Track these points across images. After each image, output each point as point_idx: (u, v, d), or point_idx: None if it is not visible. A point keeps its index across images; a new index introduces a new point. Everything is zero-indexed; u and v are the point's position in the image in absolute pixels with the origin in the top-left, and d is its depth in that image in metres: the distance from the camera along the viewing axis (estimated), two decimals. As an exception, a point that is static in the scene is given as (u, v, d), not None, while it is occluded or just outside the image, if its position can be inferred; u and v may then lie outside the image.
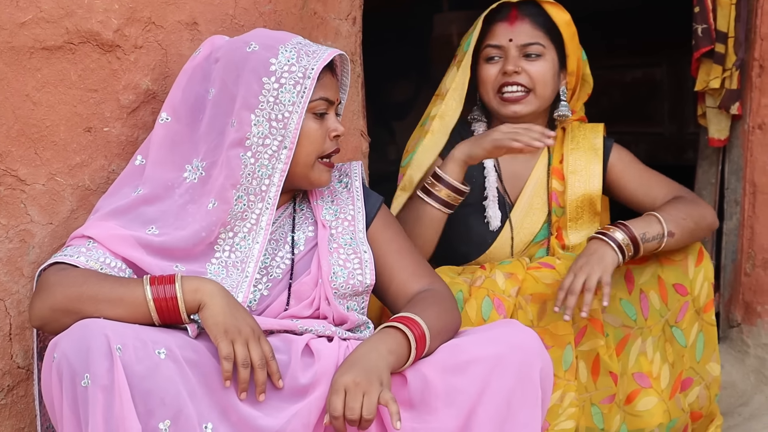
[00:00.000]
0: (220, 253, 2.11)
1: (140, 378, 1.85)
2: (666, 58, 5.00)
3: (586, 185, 2.68)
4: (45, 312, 1.96)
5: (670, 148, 5.00)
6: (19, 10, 2.11)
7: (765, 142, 3.12)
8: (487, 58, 2.67)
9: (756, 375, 3.16)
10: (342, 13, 2.63)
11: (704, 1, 3.05)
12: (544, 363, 2.06)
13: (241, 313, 1.98)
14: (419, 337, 2.03)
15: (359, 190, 2.30)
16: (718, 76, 3.07)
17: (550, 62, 2.65)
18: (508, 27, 2.65)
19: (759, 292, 3.17)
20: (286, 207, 2.24)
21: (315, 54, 2.12)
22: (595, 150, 2.71)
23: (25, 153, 2.16)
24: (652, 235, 2.48)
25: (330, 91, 2.16)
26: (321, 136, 2.15)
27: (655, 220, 2.50)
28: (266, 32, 2.18)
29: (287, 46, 2.11)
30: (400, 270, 2.26)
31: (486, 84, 2.68)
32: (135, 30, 2.22)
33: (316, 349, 2.07)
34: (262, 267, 2.16)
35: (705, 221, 2.60)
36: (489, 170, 2.71)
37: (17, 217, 2.17)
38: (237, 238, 2.12)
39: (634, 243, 2.46)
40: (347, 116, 2.67)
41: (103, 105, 2.22)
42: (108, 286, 1.96)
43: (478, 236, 2.69)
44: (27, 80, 2.14)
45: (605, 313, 2.53)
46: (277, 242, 2.20)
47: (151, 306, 1.94)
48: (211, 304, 1.96)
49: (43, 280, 2.00)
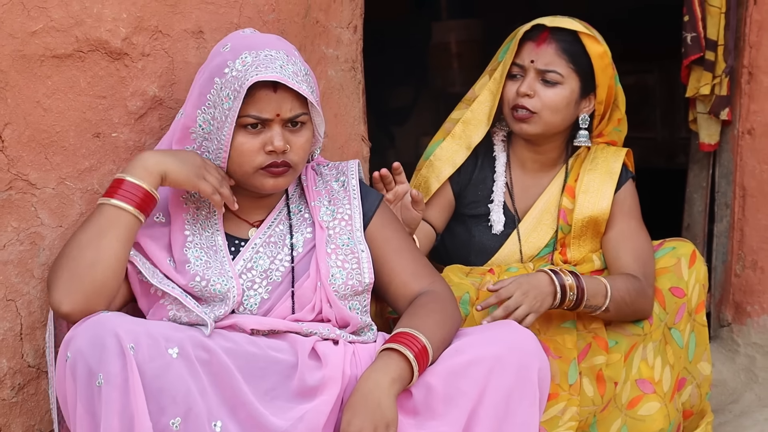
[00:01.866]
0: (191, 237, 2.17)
1: (152, 377, 1.90)
2: (658, 66, 5.05)
3: (594, 206, 2.66)
4: (52, 285, 2.01)
5: (662, 152, 5.04)
6: (31, 19, 2.15)
7: (754, 146, 3.17)
8: (511, 75, 2.67)
9: (746, 373, 3.20)
10: (343, 21, 2.68)
11: (694, 10, 3.09)
12: (541, 363, 2.09)
13: (187, 155, 2.10)
14: (422, 355, 2.04)
15: (356, 188, 2.28)
16: (709, 82, 3.11)
17: (568, 91, 2.62)
18: (534, 48, 2.63)
19: (749, 293, 3.21)
20: (280, 209, 2.24)
21: (266, 69, 2.06)
22: (611, 174, 2.68)
23: (35, 158, 2.20)
24: (592, 303, 2.47)
25: (267, 107, 2.08)
26: (252, 150, 2.10)
27: (603, 293, 2.48)
28: (253, 37, 2.17)
29: (251, 54, 2.08)
30: (399, 270, 2.25)
31: (504, 99, 2.68)
32: (142, 38, 2.27)
33: (322, 353, 2.08)
34: (262, 270, 2.17)
35: (641, 314, 2.56)
36: (498, 183, 2.72)
37: (28, 220, 2.21)
38: (198, 226, 2.19)
39: (578, 302, 2.45)
40: (348, 122, 2.72)
41: (111, 111, 2.26)
42: (82, 230, 2.03)
43: (481, 245, 2.71)
44: (38, 87, 2.18)
45: (614, 326, 2.56)
46: (276, 245, 2.20)
47: (128, 210, 2.03)
48: (169, 170, 2.06)
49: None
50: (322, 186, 2.28)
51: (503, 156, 2.75)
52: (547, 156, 2.74)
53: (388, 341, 2.08)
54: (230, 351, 2.01)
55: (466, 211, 2.75)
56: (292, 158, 2.13)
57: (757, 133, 3.17)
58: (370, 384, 2.00)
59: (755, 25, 3.12)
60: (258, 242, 2.20)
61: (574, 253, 2.68)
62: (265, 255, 2.19)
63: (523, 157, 2.74)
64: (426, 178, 2.72)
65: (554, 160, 2.75)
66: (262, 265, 2.18)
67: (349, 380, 2.09)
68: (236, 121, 2.08)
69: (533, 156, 2.74)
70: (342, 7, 2.67)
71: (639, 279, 2.56)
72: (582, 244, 2.68)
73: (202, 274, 2.12)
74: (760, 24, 3.12)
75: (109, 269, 2.01)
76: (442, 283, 2.28)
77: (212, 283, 2.11)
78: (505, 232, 2.71)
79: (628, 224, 2.66)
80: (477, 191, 2.74)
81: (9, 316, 2.21)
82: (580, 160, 2.73)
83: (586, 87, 2.66)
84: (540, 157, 2.74)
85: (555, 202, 2.71)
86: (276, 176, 2.13)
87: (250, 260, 2.18)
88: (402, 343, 2.04)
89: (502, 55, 2.72)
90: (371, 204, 2.28)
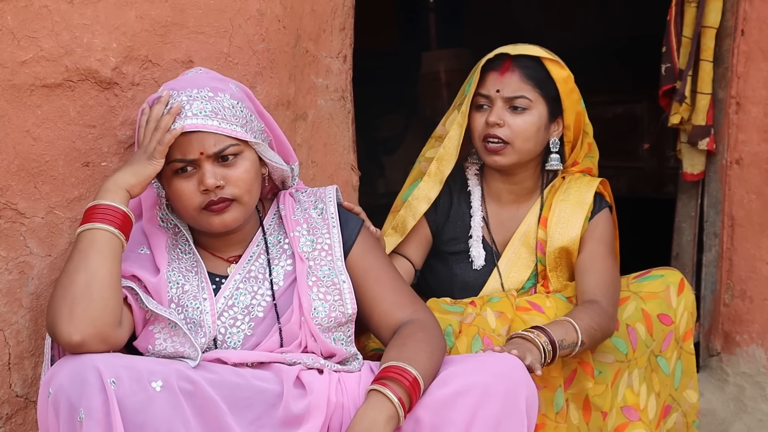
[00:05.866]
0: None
1: (134, 411, 1.89)
2: (646, 95, 5.09)
3: (564, 236, 2.66)
4: (54, 322, 1.99)
5: (650, 181, 5.07)
6: (21, 49, 2.16)
7: (742, 176, 3.18)
8: (477, 105, 2.67)
9: (735, 403, 3.20)
10: (333, 51, 2.70)
11: (670, 41, 3.15)
12: (529, 391, 2.09)
13: (132, 158, 2.12)
14: (414, 389, 2.03)
15: (334, 215, 2.26)
16: (678, 111, 3.15)
17: (536, 116, 2.63)
18: (498, 77, 2.64)
19: (737, 322, 3.22)
20: (258, 242, 2.23)
21: (179, 117, 2.08)
22: (582, 204, 2.67)
23: (24, 187, 2.21)
24: (568, 342, 2.41)
25: (189, 148, 2.08)
26: (189, 193, 2.10)
27: (571, 328, 2.42)
28: (205, 75, 2.19)
29: (189, 92, 2.11)
30: (381, 299, 2.24)
31: (473, 131, 2.68)
32: (132, 68, 2.28)
33: (307, 382, 2.08)
34: (243, 307, 2.17)
35: (607, 333, 2.54)
36: (475, 218, 2.72)
37: (17, 249, 2.21)
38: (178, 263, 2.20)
39: (553, 348, 2.38)
40: (338, 151, 2.73)
41: (101, 140, 2.27)
42: (68, 262, 2.04)
43: (464, 281, 2.70)
44: (27, 116, 2.19)
45: (596, 353, 2.55)
46: (256, 279, 2.20)
47: (104, 229, 2.03)
48: (127, 179, 2.07)
49: None
50: (301, 214, 2.27)
51: (478, 190, 2.75)
52: (521, 186, 2.74)
53: (381, 375, 2.06)
54: (214, 382, 2.01)
55: (446, 248, 2.74)
56: (231, 192, 2.11)
57: (745, 162, 3.18)
58: (366, 422, 1.99)
59: (743, 56, 3.15)
60: (237, 278, 2.20)
61: (554, 283, 2.68)
62: (245, 291, 2.18)
63: (498, 189, 2.75)
64: (404, 218, 2.71)
65: (529, 190, 2.75)
66: (243, 301, 2.17)
67: (334, 407, 2.10)
68: (168, 167, 2.10)
69: (508, 187, 2.74)
70: (332, 37, 2.69)
71: (597, 301, 2.53)
72: (560, 275, 2.69)
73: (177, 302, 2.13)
74: (748, 55, 3.15)
75: (105, 286, 2.01)
76: (426, 311, 2.27)
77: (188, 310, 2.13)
78: (487, 267, 2.71)
79: (596, 249, 2.65)
80: (456, 228, 2.74)
81: (-3, 346, 2.21)
82: (554, 190, 2.74)
83: (554, 111, 2.67)
84: (515, 188, 2.74)
85: (532, 234, 2.71)
86: (219, 213, 2.11)
87: (231, 297, 2.18)
88: (394, 379, 2.04)
89: (467, 88, 2.72)
90: (351, 231, 2.27)
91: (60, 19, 2.18)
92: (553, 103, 2.66)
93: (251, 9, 2.40)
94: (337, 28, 2.71)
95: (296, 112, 2.58)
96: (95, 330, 1.97)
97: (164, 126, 2.08)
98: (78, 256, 2.03)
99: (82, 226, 2.05)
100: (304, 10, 2.57)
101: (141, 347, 2.11)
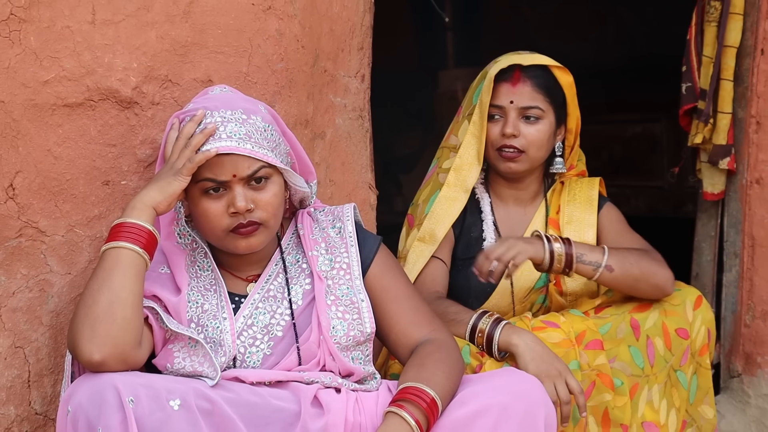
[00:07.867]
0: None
1: (152, 430, 1.90)
2: (665, 114, 5.08)
3: (580, 235, 2.75)
4: (76, 340, 1.98)
5: (669, 201, 5.05)
6: (43, 69, 2.18)
7: (763, 196, 3.17)
8: (490, 116, 2.73)
9: (757, 425, 3.17)
10: (351, 70, 2.71)
11: (691, 61, 3.16)
12: (547, 411, 2.08)
13: (158, 175, 2.11)
14: (432, 410, 2.03)
15: (352, 235, 2.26)
16: (700, 131, 3.15)
17: (548, 125, 2.72)
18: (510, 88, 2.71)
19: (759, 343, 3.19)
20: (276, 261, 2.23)
21: (213, 139, 2.07)
22: (591, 202, 2.79)
23: (45, 205, 2.22)
24: (589, 259, 2.56)
25: (222, 170, 2.07)
26: (217, 214, 2.09)
27: (599, 249, 2.59)
28: (234, 95, 2.19)
29: (223, 113, 2.10)
30: (398, 319, 2.24)
31: (488, 141, 2.74)
32: (152, 87, 2.29)
33: (325, 401, 2.08)
34: (262, 326, 2.17)
35: (654, 278, 2.60)
36: (487, 222, 2.78)
37: (37, 267, 2.22)
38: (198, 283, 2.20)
39: (567, 258, 2.54)
40: (355, 169, 2.73)
41: (121, 159, 2.28)
42: (91, 279, 2.04)
43: (479, 286, 2.71)
44: (49, 136, 2.20)
45: (615, 362, 2.55)
46: (275, 299, 2.20)
47: (128, 248, 2.03)
48: (154, 197, 2.07)
49: None
50: (319, 233, 2.27)
51: (486, 196, 2.82)
52: (526, 191, 2.82)
53: (398, 397, 2.06)
54: (232, 401, 2.01)
55: (462, 255, 2.77)
56: (260, 216, 2.11)
57: (766, 182, 3.17)
58: None
59: (762, 75, 3.14)
60: (257, 297, 2.20)
61: (569, 283, 2.74)
62: (264, 310, 2.19)
63: (504, 194, 2.82)
64: (432, 230, 2.74)
65: (533, 194, 2.83)
66: (263, 320, 2.18)
67: (351, 427, 2.09)
68: (196, 186, 2.10)
69: (514, 193, 2.82)
70: (350, 56, 2.70)
71: (645, 249, 2.67)
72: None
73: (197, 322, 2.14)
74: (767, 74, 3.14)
75: (128, 306, 2.01)
76: (443, 331, 2.27)
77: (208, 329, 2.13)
78: None
79: (619, 229, 2.79)
80: (470, 234, 2.79)
81: (17, 363, 2.21)
82: (557, 193, 2.83)
83: (560, 117, 2.76)
84: (520, 193, 2.82)
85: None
86: (246, 236, 2.11)
87: (250, 317, 2.18)
88: (412, 401, 2.03)
89: (475, 98, 2.78)
90: (369, 250, 2.27)
91: (82, 39, 2.20)
92: (559, 109, 2.75)
93: (270, 29, 2.41)
94: (356, 47, 2.73)
95: (314, 131, 2.59)
96: (116, 350, 1.97)
97: (195, 144, 2.08)
98: (102, 274, 2.03)
99: (108, 244, 2.06)
100: (323, 30, 2.58)
101: (159, 365, 2.12)
